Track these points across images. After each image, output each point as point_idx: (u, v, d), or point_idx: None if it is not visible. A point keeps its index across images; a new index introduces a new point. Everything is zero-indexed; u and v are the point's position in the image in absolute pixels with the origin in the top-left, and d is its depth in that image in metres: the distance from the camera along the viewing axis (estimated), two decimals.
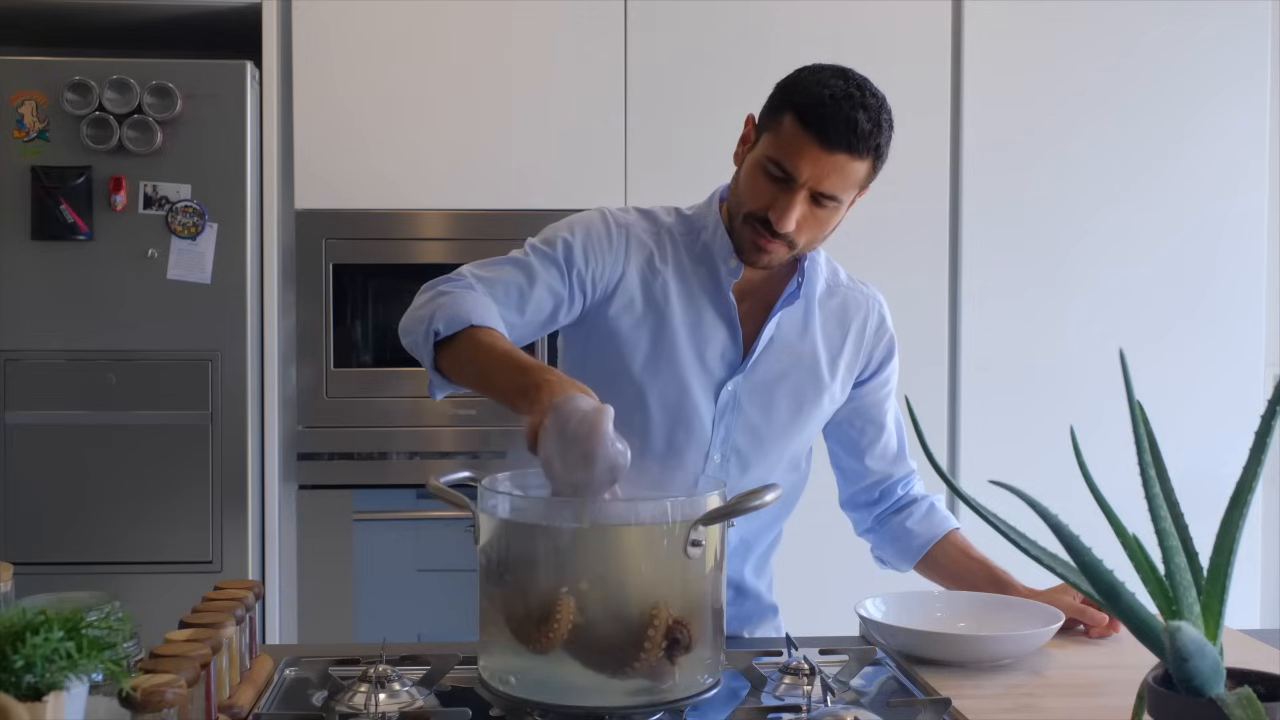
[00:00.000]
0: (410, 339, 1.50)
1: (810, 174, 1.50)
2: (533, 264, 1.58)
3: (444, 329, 1.44)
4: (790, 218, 1.52)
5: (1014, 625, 1.49)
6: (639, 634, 1.13)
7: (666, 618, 1.14)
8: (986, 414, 2.91)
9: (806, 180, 1.50)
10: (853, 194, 1.56)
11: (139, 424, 2.67)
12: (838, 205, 1.54)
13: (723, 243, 1.63)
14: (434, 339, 1.44)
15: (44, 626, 0.93)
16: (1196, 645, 0.92)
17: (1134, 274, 2.94)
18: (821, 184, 1.51)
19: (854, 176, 1.52)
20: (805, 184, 1.50)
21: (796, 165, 1.50)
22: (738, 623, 1.75)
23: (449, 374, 1.47)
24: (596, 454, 1.16)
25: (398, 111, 2.81)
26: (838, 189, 1.52)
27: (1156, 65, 2.94)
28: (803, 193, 1.51)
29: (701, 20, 2.85)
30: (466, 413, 2.79)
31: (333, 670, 1.31)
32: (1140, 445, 1.01)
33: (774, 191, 1.53)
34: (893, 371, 1.79)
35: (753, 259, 1.60)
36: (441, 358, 1.46)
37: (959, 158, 2.92)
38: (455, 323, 1.44)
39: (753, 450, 1.68)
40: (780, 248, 1.57)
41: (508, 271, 1.57)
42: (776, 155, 1.51)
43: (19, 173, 2.63)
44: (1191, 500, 1.05)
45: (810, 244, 1.60)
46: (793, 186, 1.51)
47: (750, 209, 1.56)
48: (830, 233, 1.60)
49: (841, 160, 1.49)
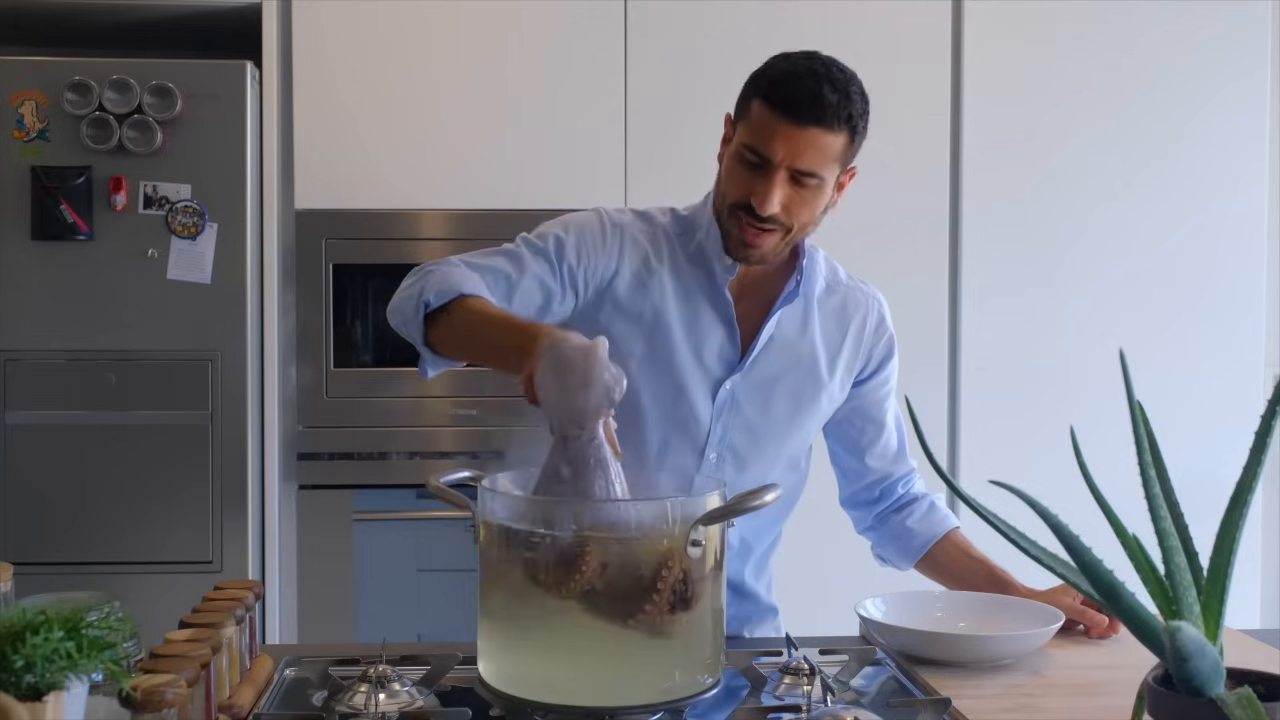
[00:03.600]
0: (399, 317, 1.50)
1: (785, 153, 1.50)
2: (523, 254, 1.58)
3: (434, 299, 1.44)
4: (772, 199, 1.52)
5: (1014, 625, 1.49)
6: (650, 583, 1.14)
7: (678, 572, 1.14)
8: (986, 414, 2.91)
9: (782, 160, 1.51)
10: (834, 170, 1.54)
11: (139, 424, 2.67)
12: (820, 183, 1.53)
13: (716, 241, 1.63)
14: (424, 310, 1.45)
15: (44, 626, 0.93)
16: (1196, 645, 0.92)
17: (1134, 273, 2.94)
18: (798, 161, 1.51)
19: (830, 150, 1.51)
20: (781, 164, 1.51)
21: (770, 146, 1.51)
22: (738, 623, 1.75)
23: (439, 348, 1.48)
24: (593, 378, 1.18)
25: (398, 111, 2.81)
26: (815, 165, 1.51)
27: (1156, 65, 2.94)
28: (781, 173, 1.51)
29: (701, 20, 2.85)
30: (466, 413, 2.79)
31: (333, 670, 1.31)
32: (1140, 445, 1.01)
33: (753, 177, 1.53)
34: (892, 370, 1.79)
35: (741, 253, 1.60)
36: (432, 331, 1.47)
37: (959, 157, 2.92)
38: (446, 293, 1.45)
39: (750, 450, 1.68)
40: (769, 238, 1.56)
41: (497, 260, 1.57)
42: (750, 141, 1.53)
43: (19, 173, 2.63)
44: (1191, 500, 1.05)
45: (802, 228, 1.58)
46: (770, 168, 1.51)
47: (733, 199, 1.56)
48: (820, 215, 1.59)
49: (814, 134, 1.49)
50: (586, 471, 1.19)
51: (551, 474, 1.21)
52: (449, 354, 1.48)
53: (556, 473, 1.20)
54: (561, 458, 1.20)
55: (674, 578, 1.14)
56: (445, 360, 1.50)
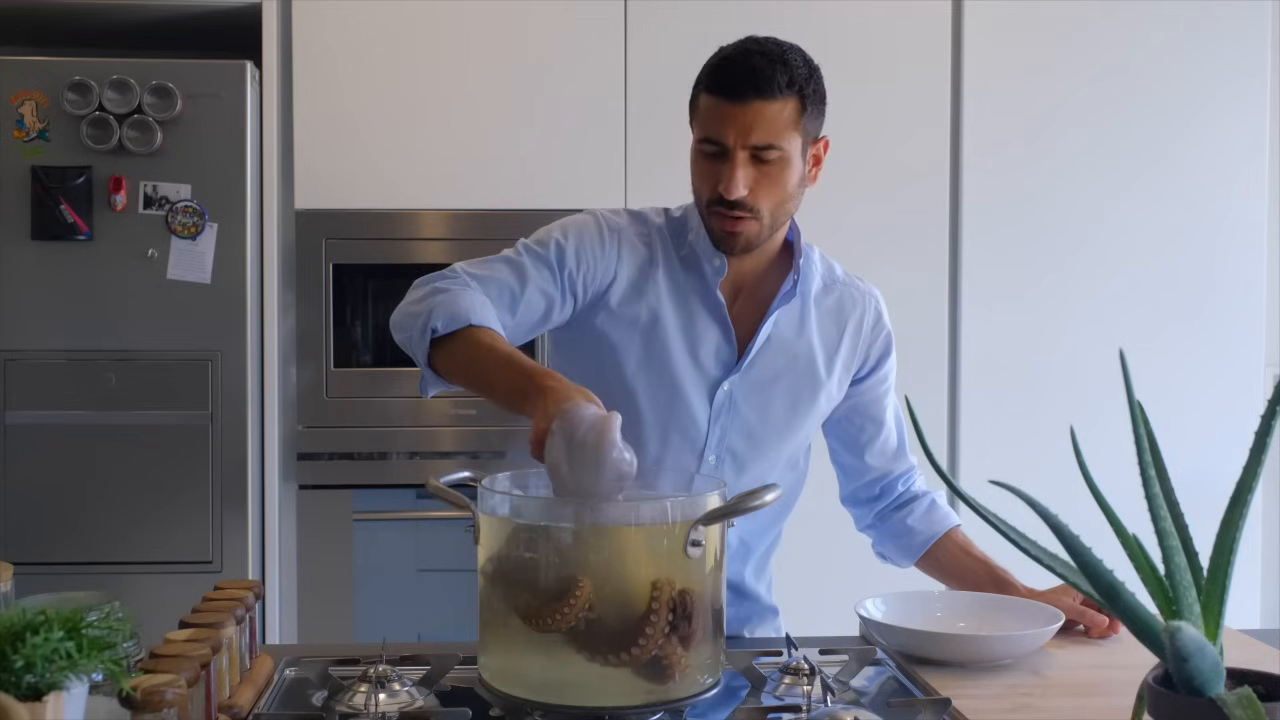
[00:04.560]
0: (404, 335, 1.49)
1: (735, 133, 1.51)
2: (525, 264, 1.58)
3: (442, 327, 1.43)
4: (736, 181, 1.52)
5: (1014, 625, 1.49)
6: (643, 615, 1.13)
7: (670, 592, 1.14)
8: (986, 414, 2.91)
9: (735, 141, 1.52)
10: (793, 140, 1.54)
11: (139, 424, 2.67)
12: (781, 155, 1.53)
13: (705, 241, 1.63)
14: (431, 336, 1.44)
15: (44, 626, 0.93)
16: (1196, 645, 0.92)
17: (1134, 273, 2.94)
18: (750, 137, 1.51)
19: (780, 120, 1.52)
20: (736, 145, 1.52)
21: (721, 131, 1.52)
22: (738, 623, 1.75)
23: (443, 372, 1.47)
24: (605, 461, 1.17)
25: (397, 111, 2.81)
26: (769, 137, 1.52)
27: (1156, 66, 2.94)
28: (739, 155, 1.52)
29: (701, 20, 2.85)
30: (466, 413, 2.79)
31: (333, 670, 1.31)
32: (1140, 445, 1.01)
33: (716, 168, 1.54)
34: (891, 367, 1.78)
35: (728, 245, 1.60)
36: (436, 356, 1.46)
37: (959, 157, 2.92)
38: (454, 321, 1.43)
39: (749, 451, 1.68)
40: (747, 224, 1.56)
41: (500, 270, 1.57)
42: (704, 133, 1.55)
43: (19, 173, 2.63)
44: (1191, 500, 1.05)
45: (778, 206, 1.58)
46: (728, 154, 1.53)
47: (705, 195, 1.58)
48: (797, 189, 1.59)
49: (758, 107, 1.50)
50: None
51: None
52: (453, 381, 1.48)
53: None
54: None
55: (669, 595, 1.14)
56: (448, 384, 1.50)
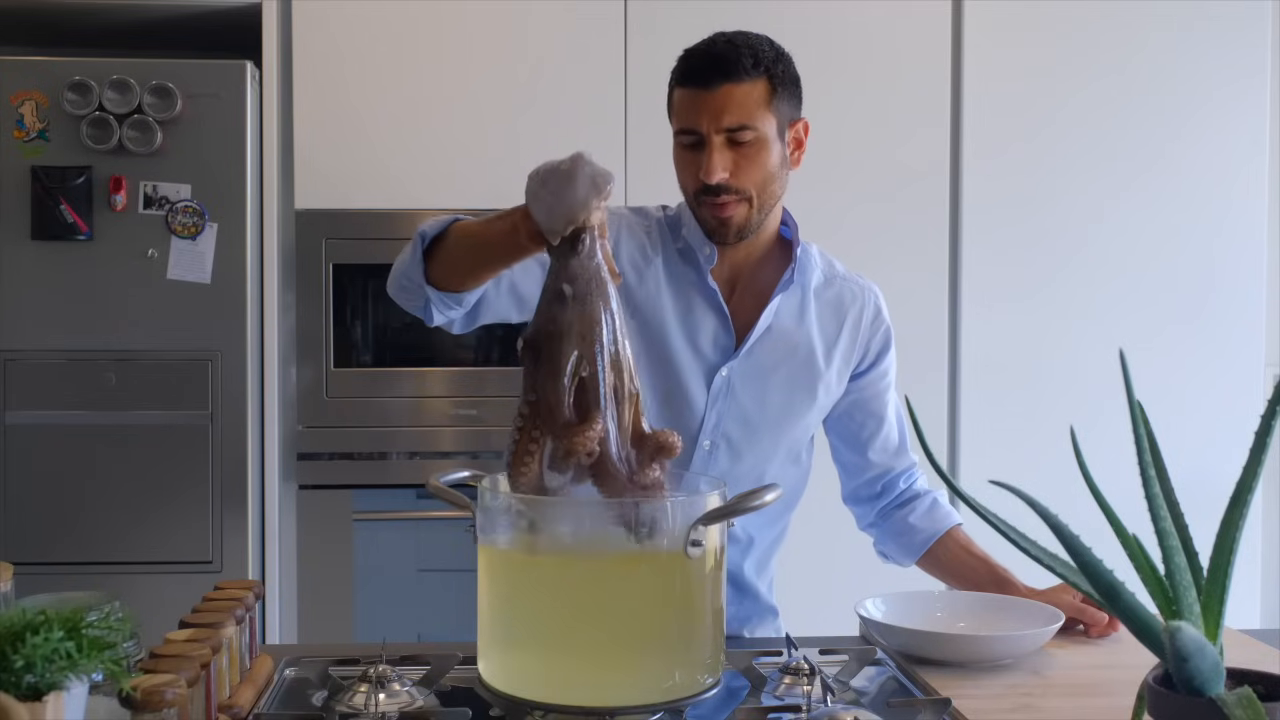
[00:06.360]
0: (399, 269, 1.50)
1: (708, 120, 1.55)
2: None
3: (430, 230, 1.46)
4: (714, 165, 1.55)
5: (1014, 625, 1.49)
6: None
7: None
8: (986, 414, 2.91)
9: (709, 126, 1.55)
10: (767, 120, 1.57)
11: (139, 424, 2.67)
12: (758, 135, 1.56)
13: (697, 233, 1.67)
14: (423, 244, 1.46)
15: (44, 626, 0.93)
16: (1196, 645, 0.92)
17: (1134, 273, 2.94)
18: (722, 120, 1.55)
19: (750, 100, 1.55)
20: (710, 130, 1.55)
21: (695, 120, 1.56)
22: (738, 623, 1.76)
23: (443, 280, 1.47)
24: (578, 171, 1.20)
25: (397, 111, 2.81)
26: (742, 118, 1.55)
27: (1156, 66, 2.95)
28: (715, 140, 1.55)
29: (701, 21, 2.81)
30: (467, 413, 2.79)
31: (333, 670, 1.31)
32: (1140, 445, 1.01)
33: (695, 157, 1.58)
34: (890, 363, 1.79)
35: (721, 234, 1.63)
36: (433, 268, 1.47)
37: (959, 157, 2.92)
38: (440, 225, 1.46)
39: (744, 439, 1.69)
40: (734, 208, 1.59)
41: None
42: (680, 125, 1.59)
43: (19, 173, 2.63)
44: (1191, 500, 1.05)
45: (763, 188, 1.60)
46: (703, 141, 1.56)
47: (691, 187, 1.61)
48: (781, 171, 1.61)
49: (726, 91, 1.54)
50: (587, 289, 1.20)
51: (551, 295, 1.21)
52: (453, 280, 1.47)
53: (557, 293, 1.20)
54: (561, 277, 1.20)
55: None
56: (451, 297, 1.50)
